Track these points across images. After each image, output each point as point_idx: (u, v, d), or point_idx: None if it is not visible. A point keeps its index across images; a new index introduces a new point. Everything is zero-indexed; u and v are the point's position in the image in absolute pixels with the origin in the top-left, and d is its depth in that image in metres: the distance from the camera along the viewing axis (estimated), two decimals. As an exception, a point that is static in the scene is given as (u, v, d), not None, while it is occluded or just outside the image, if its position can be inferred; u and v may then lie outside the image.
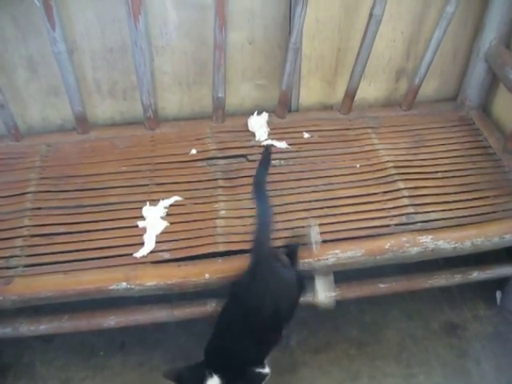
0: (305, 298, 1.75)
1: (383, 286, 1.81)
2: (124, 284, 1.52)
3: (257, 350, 1.47)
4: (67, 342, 1.91)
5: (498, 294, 2.05)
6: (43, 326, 1.69)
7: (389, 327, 1.97)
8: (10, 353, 1.90)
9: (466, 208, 1.75)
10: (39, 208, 1.75)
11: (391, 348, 1.92)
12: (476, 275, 1.86)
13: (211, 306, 1.71)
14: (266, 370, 1.52)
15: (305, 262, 1.57)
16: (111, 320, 1.70)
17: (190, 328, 1.89)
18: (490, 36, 1.99)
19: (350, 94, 2.06)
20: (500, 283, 2.00)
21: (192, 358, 1.49)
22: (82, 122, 1.96)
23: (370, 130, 2.04)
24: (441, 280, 1.85)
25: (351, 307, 1.99)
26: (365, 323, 1.97)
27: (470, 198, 1.79)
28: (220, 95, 1.95)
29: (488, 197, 1.80)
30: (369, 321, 1.98)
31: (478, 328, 1.98)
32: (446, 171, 1.88)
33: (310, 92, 2.13)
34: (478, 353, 1.91)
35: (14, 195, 1.78)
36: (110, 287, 1.52)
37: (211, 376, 1.42)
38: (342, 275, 1.71)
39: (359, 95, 2.08)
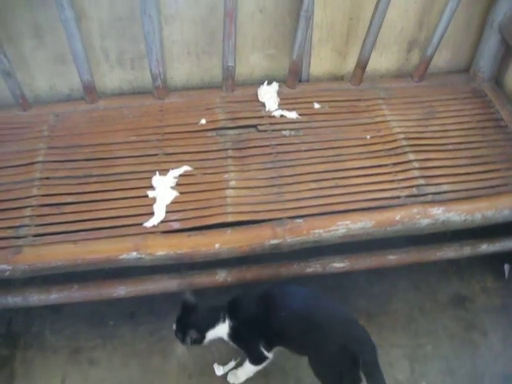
0: (314, 269, 1.77)
1: (392, 258, 1.81)
2: (134, 253, 1.52)
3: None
4: (77, 312, 1.92)
5: (506, 267, 2.05)
6: (53, 296, 1.70)
7: (397, 298, 1.98)
8: (20, 322, 1.91)
9: (476, 180, 1.74)
10: (47, 178, 1.74)
11: (399, 319, 1.93)
12: (485, 248, 1.86)
13: (221, 276, 1.72)
14: (268, 354, 1.59)
15: (315, 232, 1.57)
16: (121, 290, 1.71)
17: (199, 298, 1.90)
18: (505, 7, 1.95)
19: (362, 65, 2.03)
20: (508, 256, 2.00)
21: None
22: (90, 91, 1.94)
23: (380, 101, 2.01)
24: (450, 252, 1.85)
25: (360, 278, 2.00)
26: (373, 294, 1.99)
27: (481, 170, 1.78)
28: (230, 64, 1.93)
29: (499, 169, 1.79)
30: (377, 292, 1.99)
31: (485, 300, 1.99)
32: (457, 143, 1.87)
33: (320, 62, 2.10)
34: (486, 324, 1.92)
35: (22, 165, 1.78)
36: (121, 256, 1.52)
37: (223, 321, 1.54)
38: (352, 246, 1.72)
39: (370, 66, 2.05)
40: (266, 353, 1.58)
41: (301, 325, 1.49)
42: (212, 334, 1.57)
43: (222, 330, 1.57)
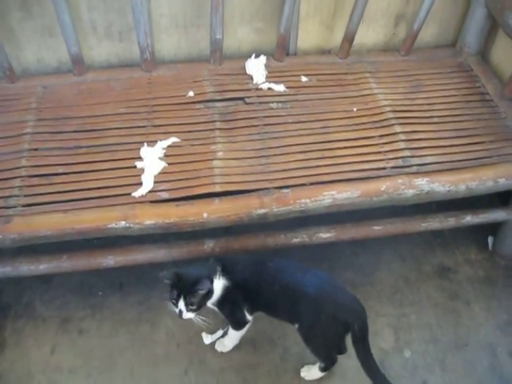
0: (301, 239, 1.79)
1: (378, 228, 1.84)
2: (123, 223, 1.54)
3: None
4: (66, 283, 1.94)
5: (490, 239, 2.09)
6: (43, 266, 1.72)
7: (382, 269, 2.01)
8: (10, 293, 1.93)
9: (461, 152, 1.77)
10: (36, 149, 1.75)
11: (384, 289, 1.96)
12: (469, 219, 1.89)
13: (208, 246, 1.74)
14: (250, 317, 1.63)
15: (301, 202, 1.60)
16: (110, 259, 1.73)
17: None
18: (491, -20, 1.96)
19: (349, 39, 2.04)
20: (492, 228, 2.03)
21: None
22: (79, 64, 1.94)
23: (367, 75, 2.03)
24: (434, 223, 1.88)
25: (345, 250, 2.03)
26: (359, 265, 2.02)
27: (465, 142, 1.80)
28: (218, 37, 1.93)
29: (483, 142, 1.81)
30: (362, 263, 2.02)
31: (469, 271, 2.03)
32: (442, 116, 1.89)
33: (308, 36, 2.11)
34: (469, 295, 1.96)
35: (11, 136, 1.78)
36: (109, 226, 1.54)
37: (219, 278, 1.52)
38: (338, 218, 1.75)
39: (357, 40, 2.06)
40: (248, 316, 1.61)
41: (293, 297, 1.52)
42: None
43: (216, 287, 1.53)
